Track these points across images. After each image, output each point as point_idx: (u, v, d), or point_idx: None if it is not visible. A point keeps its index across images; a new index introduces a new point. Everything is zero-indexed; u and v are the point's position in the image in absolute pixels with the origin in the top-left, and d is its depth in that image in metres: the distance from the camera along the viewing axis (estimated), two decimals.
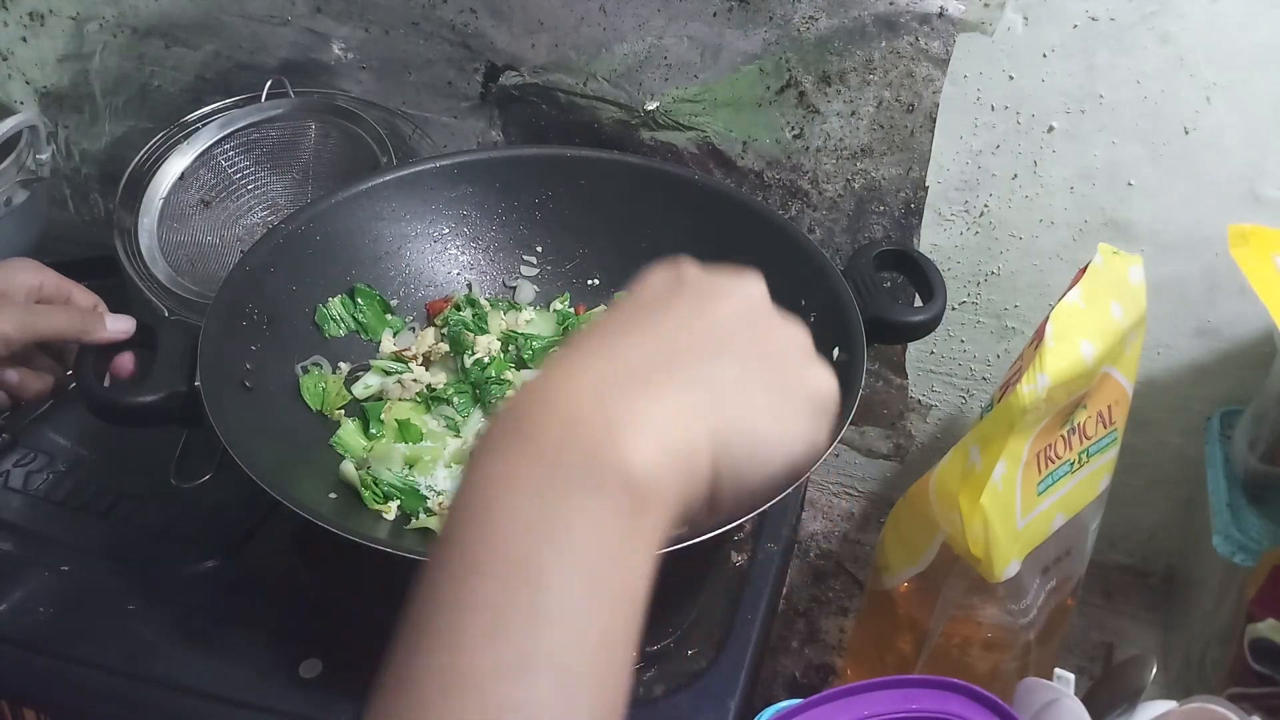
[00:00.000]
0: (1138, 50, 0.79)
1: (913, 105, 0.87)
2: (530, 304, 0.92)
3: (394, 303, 0.89)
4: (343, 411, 0.82)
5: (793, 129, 0.91)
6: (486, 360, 0.85)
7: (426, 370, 0.86)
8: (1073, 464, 0.80)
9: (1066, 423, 0.78)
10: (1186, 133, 0.81)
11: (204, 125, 0.99)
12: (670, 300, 0.40)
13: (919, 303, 0.83)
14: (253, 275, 0.80)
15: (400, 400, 0.83)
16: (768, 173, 0.94)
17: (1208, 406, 0.93)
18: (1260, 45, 0.77)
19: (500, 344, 0.87)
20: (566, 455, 0.33)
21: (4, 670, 0.73)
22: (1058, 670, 0.72)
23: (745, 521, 0.68)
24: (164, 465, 0.80)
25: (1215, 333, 0.90)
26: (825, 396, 0.40)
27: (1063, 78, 0.82)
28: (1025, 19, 0.81)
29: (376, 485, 0.76)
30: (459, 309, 0.88)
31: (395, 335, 0.88)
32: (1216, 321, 0.89)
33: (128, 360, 0.76)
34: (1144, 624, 1.06)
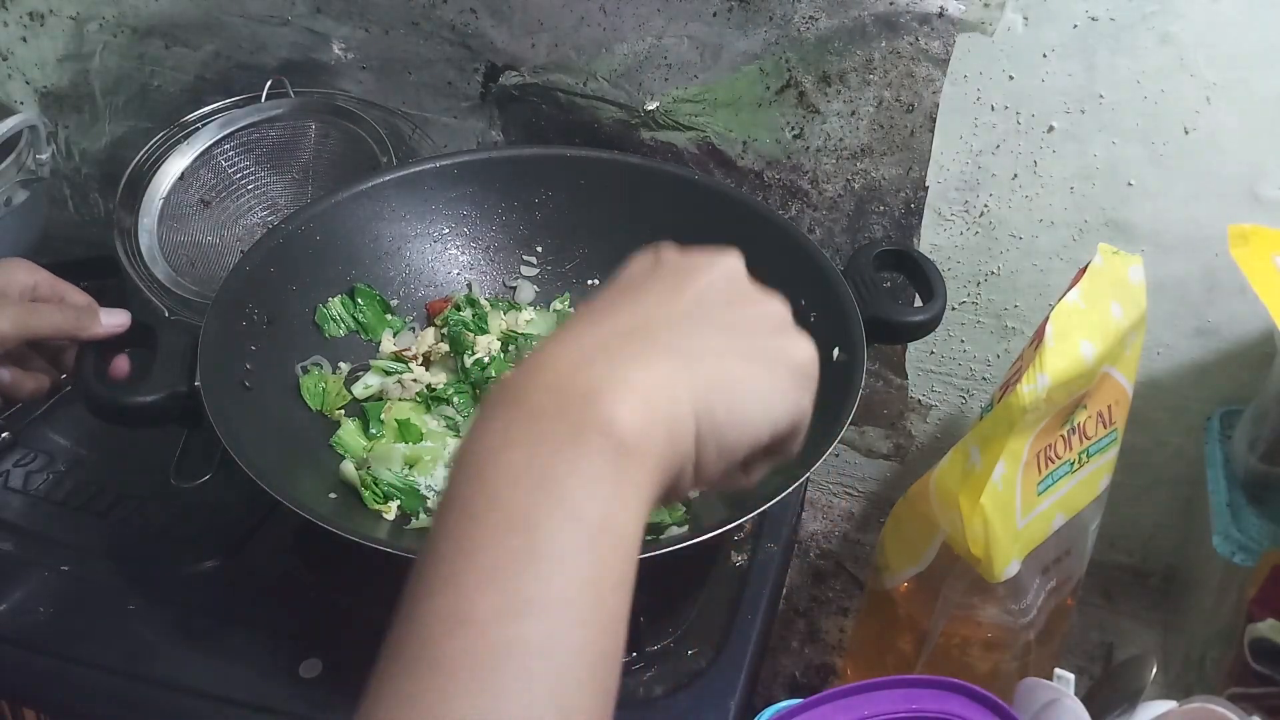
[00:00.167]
0: (1138, 50, 0.79)
1: (913, 105, 0.87)
2: (530, 304, 0.92)
3: (394, 303, 0.89)
4: (343, 411, 0.82)
5: (793, 129, 0.91)
6: (486, 360, 0.85)
7: (426, 370, 0.86)
8: (1073, 464, 0.80)
9: (1066, 423, 0.78)
10: (1186, 133, 0.81)
11: (204, 125, 0.99)
12: (650, 280, 0.43)
13: (919, 303, 0.83)
14: (253, 275, 0.80)
15: (400, 400, 0.84)
16: (768, 173, 0.94)
17: (1208, 406, 0.93)
18: (1260, 45, 0.77)
19: (500, 344, 0.87)
20: (555, 416, 0.36)
21: (4, 670, 0.73)
22: (1058, 670, 0.72)
23: (745, 521, 0.67)
24: (164, 465, 0.79)
25: (1215, 333, 0.90)
26: (804, 363, 0.42)
27: (1063, 78, 0.82)
28: (1025, 19, 0.81)
29: (376, 485, 0.76)
30: (459, 309, 0.88)
31: (395, 335, 0.88)
32: (1216, 321, 0.89)
33: (123, 363, 0.76)
34: (1144, 624, 1.06)
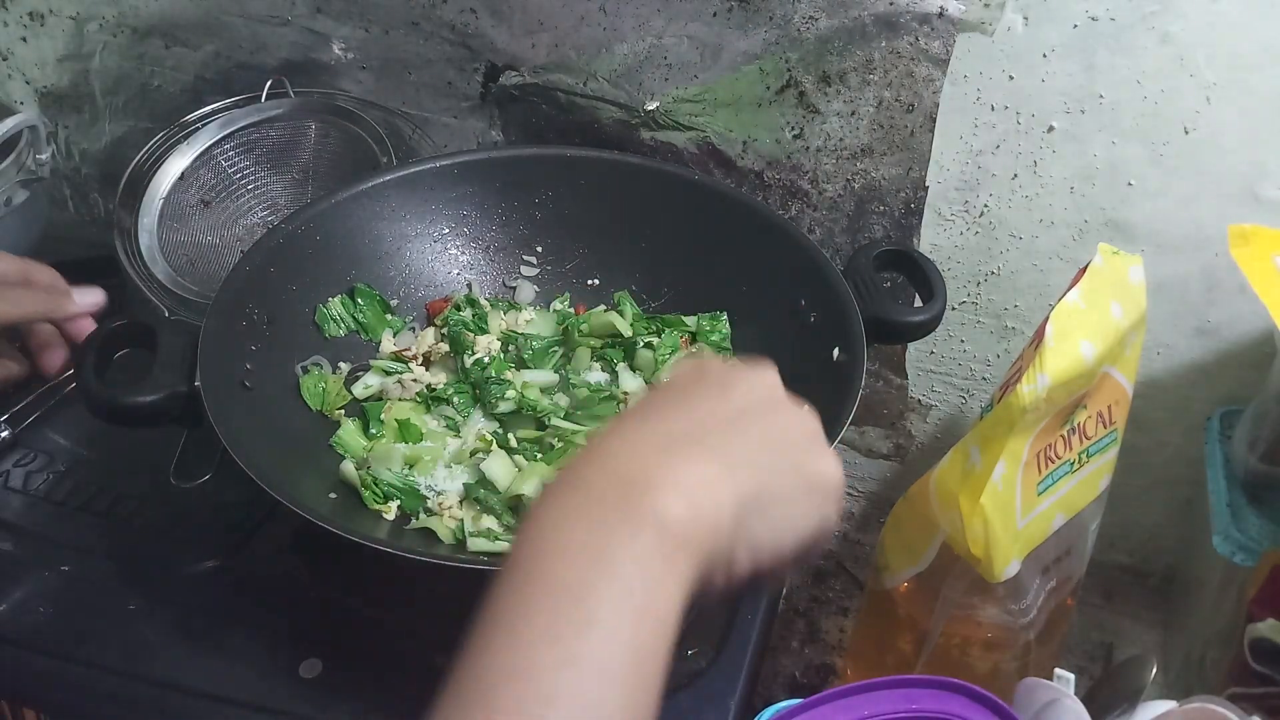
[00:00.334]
0: (1138, 50, 0.79)
1: (913, 105, 0.87)
2: (530, 304, 0.92)
3: (394, 303, 0.89)
4: (343, 411, 0.82)
5: (793, 129, 0.91)
6: (486, 360, 0.85)
7: (426, 370, 0.86)
8: (1073, 464, 0.80)
9: (1066, 423, 0.78)
10: (1186, 133, 0.81)
11: (204, 125, 0.99)
12: (697, 387, 0.48)
13: (919, 303, 0.83)
14: (253, 275, 0.80)
15: (400, 400, 0.83)
16: (768, 173, 0.94)
17: (1208, 406, 0.93)
18: (1260, 45, 0.77)
19: (500, 344, 0.87)
20: (614, 502, 0.41)
21: (4, 670, 0.73)
22: (1058, 670, 0.72)
23: None
24: (164, 465, 0.79)
25: (1215, 333, 0.90)
26: (833, 483, 0.47)
27: (1063, 78, 0.82)
28: (1025, 19, 0.81)
29: (376, 485, 0.76)
30: (459, 309, 0.88)
31: (395, 335, 0.88)
32: (1216, 321, 0.89)
33: (86, 325, 0.74)
34: (1144, 624, 1.06)
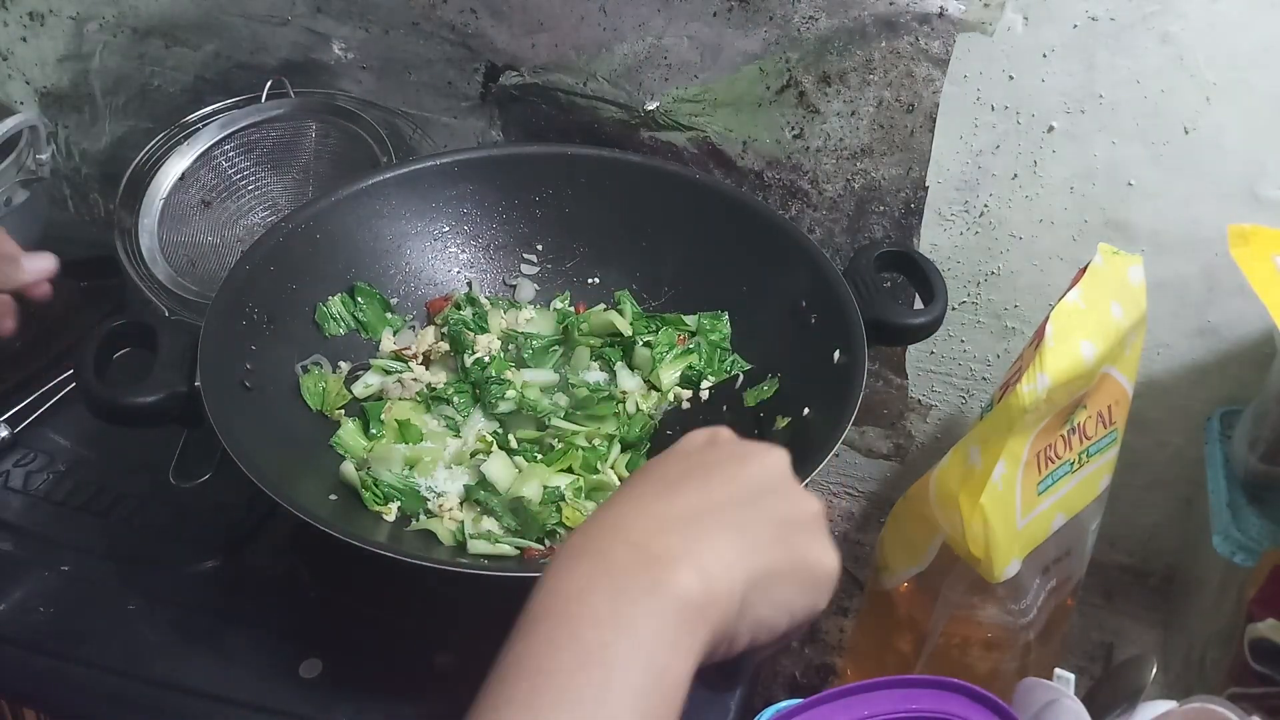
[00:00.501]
0: (1138, 50, 0.79)
1: (913, 105, 0.87)
2: (530, 302, 0.92)
3: (394, 301, 0.89)
4: (343, 411, 0.82)
5: (793, 129, 0.91)
6: (486, 359, 0.85)
7: (426, 369, 0.86)
8: (1073, 464, 0.80)
9: (1066, 423, 0.78)
10: (1186, 133, 0.81)
11: (204, 125, 0.99)
12: (711, 459, 0.49)
13: (919, 304, 0.83)
14: (253, 275, 0.80)
15: (400, 400, 0.83)
16: (768, 173, 0.94)
17: (1208, 406, 0.93)
18: (1260, 45, 0.77)
19: (500, 343, 0.87)
20: (635, 572, 0.42)
21: (4, 670, 0.73)
22: (1058, 670, 0.72)
23: None
24: (164, 465, 0.79)
25: (1215, 333, 0.90)
26: (830, 573, 0.48)
27: (1063, 78, 0.82)
28: (1025, 19, 0.80)
29: (376, 486, 0.76)
30: (459, 308, 0.88)
31: (395, 334, 0.88)
32: (1216, 321, 0.89)
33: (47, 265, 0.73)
34: (1144, 624, 1.06)
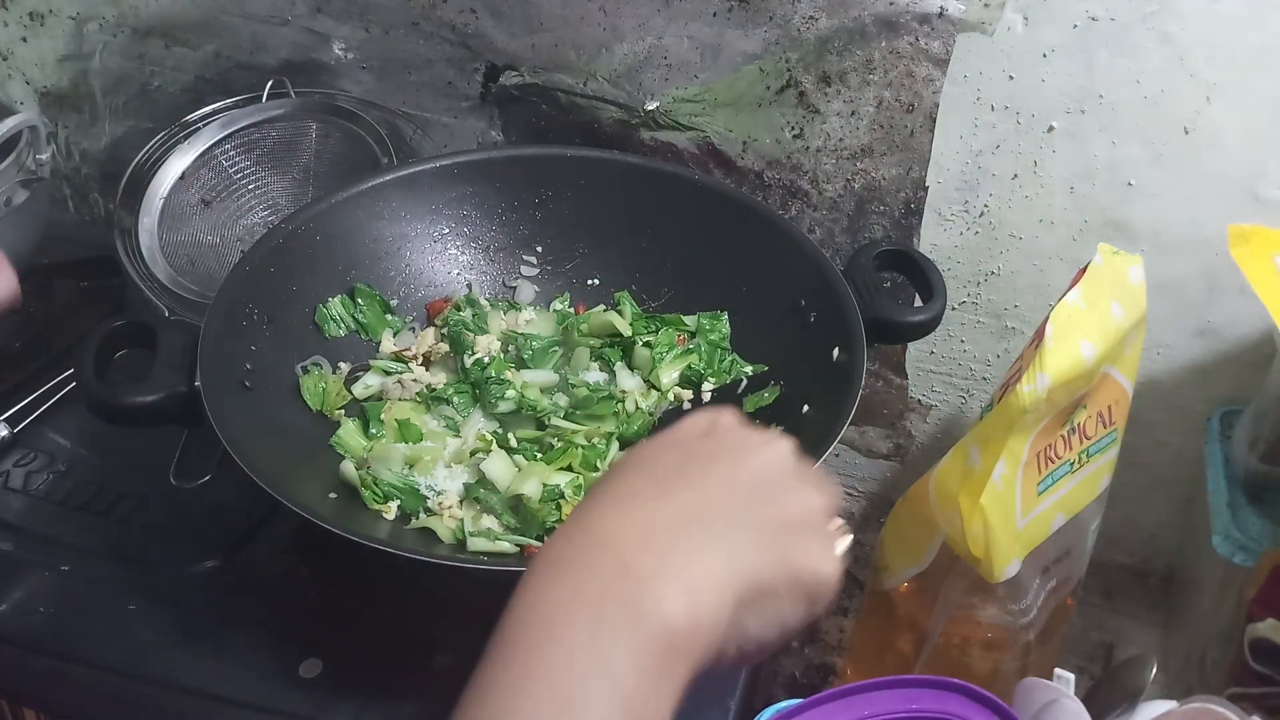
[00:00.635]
0: (1138, 50, 0.79)
1: (913, 105, 0.87)
2: (530, 304, 0.92)
3: (394, 303, 0.89)
4: (343, 411, 0.82)
5: (793, 129, 0.91)
6: (486, 360, 0.85)
7: (426, 370, 0.86)
8: (1073, 464, 0.80)
9: (1066, 423, 0.78)
10: (1186, 133, 0.81)
11: (204, 125, 0.99)
12: (706, 452, 0.45)
13: (919, 303, 0.83)
14: (253, 275, 0.80)
15: (400, 400, 0.83)
16: (768, 173, 0.94)
17: (1208, 406, 0.93)
18: (1260, 45, 0.77)
19: (500, 344, 0.87)
20: (616, 598, 0.39)
21: (4, 670, 0.73)
22: (1058, 670, 0.72)
23: None
24: (164, 465, 0.79)
25: (1215, 333, 0.90)
26: (828, 585, 0.45)
27: (1063, 78, 0.82)
28: (1025, 19, 0.80)
29: (376, 485, 0.76)
30: (459, 309, 0.88)
31: (395, 335, 0.88)
32: (1216, 321, 0.89)
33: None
34: (1144, 624, 1.06)
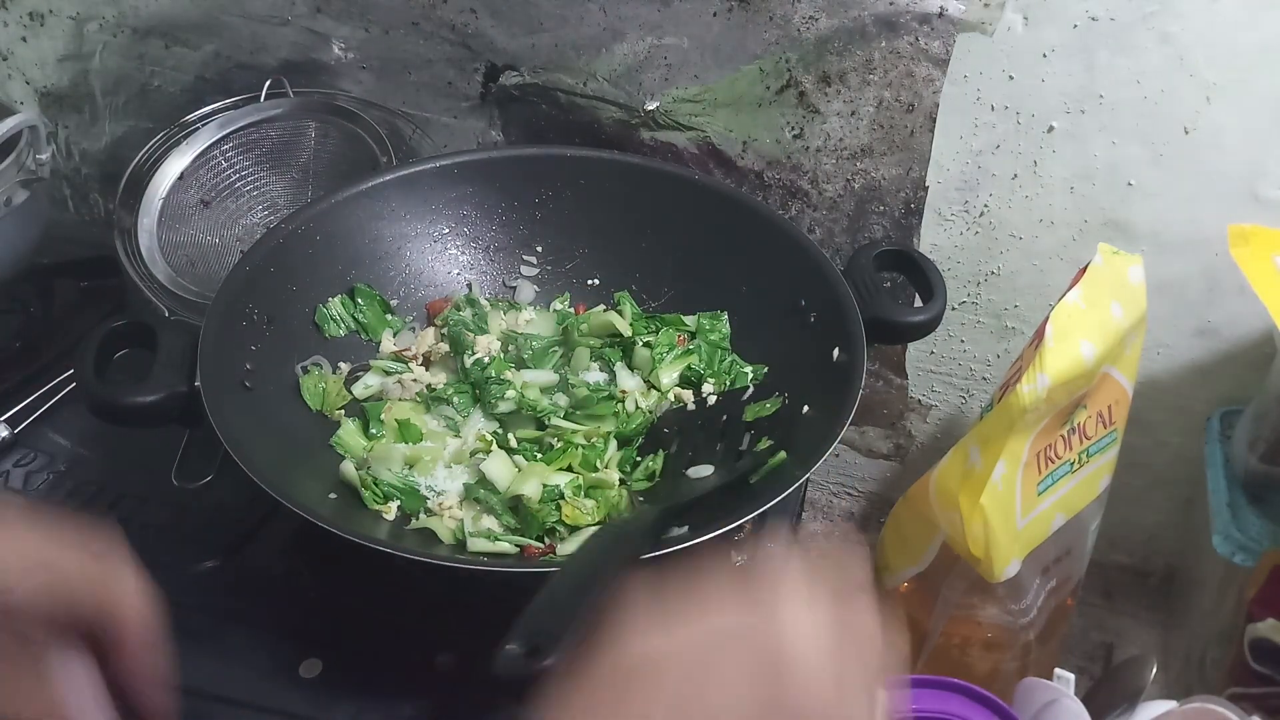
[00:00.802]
0: (1138, 50, 0.79)
1: (913, 105, 0.87)
2: (530, 304, 0.92)
3: (394, 303, 0.89)
4: (343, 411, 0.82)
5: (793, 129, 0.91)
6: (486, 360, 0.84)
7: (426, 370, 0.86)
8: (1073, 464, 0.80)
9: (1066, 423, 0.78)
10: (1186, 133, 0.81)
11: (204, 125, 0.99)
12: (730, 676, 0.38)
13: (919, 303, 0.83)
14: (253, 275, 0.80)
15: (400, 400, 0.83)
16: (768, 173, 0.94)
17: (1208, 406, 0.93)
18: (1260, 45, 0.77)
19: (500, 344, 0.87)
20: None
21: None
22: (1058, 670, 0.72)
23: (746, 522, 0.67)
24: (164, 465, 0.79)
25: (1215, 333, 0.90)
26: None
27: (1063, 78, 0.82)
28: (1025, 19, 0.81)
29: (376, 485, 0.76)
30: (459, 309, 0.88)
31: (395, 335, 0.88)
32: (1216, 321, 0.89)
33: None
34: (1144, 624, 1.06)
